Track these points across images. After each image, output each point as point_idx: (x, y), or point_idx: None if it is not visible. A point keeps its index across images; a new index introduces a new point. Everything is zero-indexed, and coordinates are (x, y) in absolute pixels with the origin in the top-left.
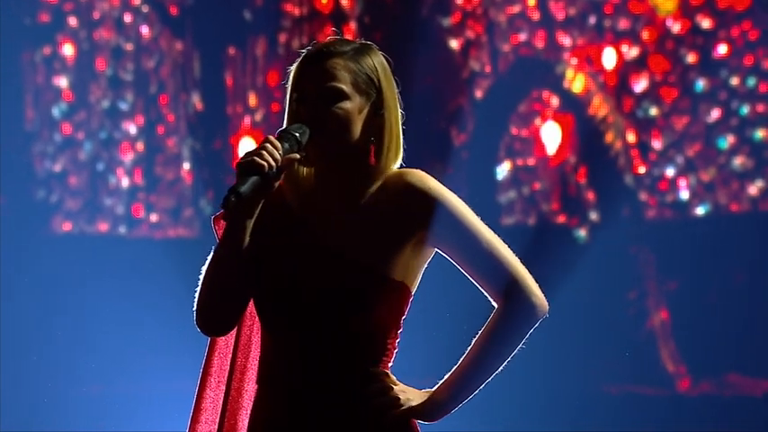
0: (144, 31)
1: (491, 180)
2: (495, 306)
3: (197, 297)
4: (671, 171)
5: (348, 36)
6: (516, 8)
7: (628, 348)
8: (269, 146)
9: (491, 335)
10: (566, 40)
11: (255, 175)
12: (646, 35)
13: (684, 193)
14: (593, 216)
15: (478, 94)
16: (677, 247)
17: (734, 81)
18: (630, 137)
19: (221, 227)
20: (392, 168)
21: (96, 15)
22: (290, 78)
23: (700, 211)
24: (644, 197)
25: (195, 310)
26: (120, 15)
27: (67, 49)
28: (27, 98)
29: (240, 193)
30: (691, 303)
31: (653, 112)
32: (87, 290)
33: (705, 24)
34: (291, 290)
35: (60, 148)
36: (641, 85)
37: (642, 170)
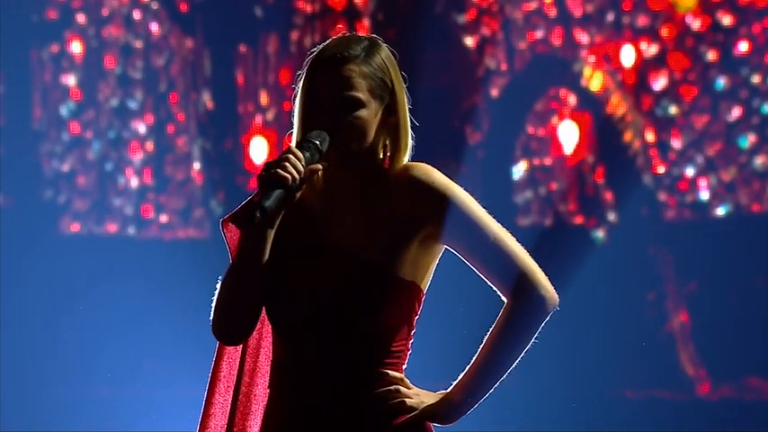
0: (153, 28)
1: (507, 180)
2: (505, 301)
3: (215, 308)
4: (691, 171)
5: (361, 33)
6: (533, 5)
7: (646, 351)
8: (292, 157)
9: (502, 331)
10: (583, 38)
11: (279, 188)
12: (665, 32)
13: (704, 194)
14: (611, 217)
15: (494, 92)
16: (697, 249)
17: (755, 79)
18: (649, 136)
19: (230, 230)
20: (401, 164)
21: (105, 12)
22: (300, 80)
23: (720, 211)
24: (663, 197)
25: (213, 321)
26: (130, 12)
27: (75, 47)
28: (34, 97)
29: (266, 208)
30: (711, 305)
31: (672, 110)
32: (96, 292)
33: (726, 21)
34: (302, 291)
35: (68, 148)
36: (660, 83)
37: (661, 170)
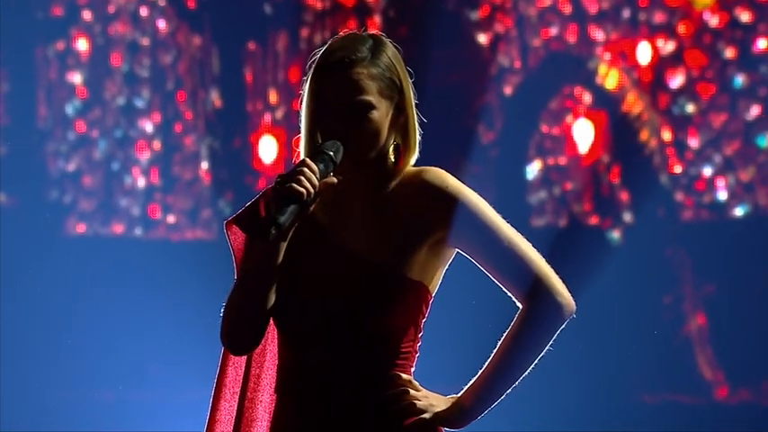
0: (161, 25)
1: (521, 180)
2: (520, 307)
3: (224, 318)
4: (708, 170)
5: (372, 30)
6: (547, 1)
7: (663, 355)
8: (306, 171)
9: (516, 337)
10: (599, 35)
11: (294, 203)
12: (682, 29)
13: (722, 194)
14: (626, 217)
15: (508, 90)
16: (715, 250)
17: None
18: (666, 135)
19: (234, 232)
20: (410, 163)
21: (111, 9)
22: (306, 85)
23: (738, 212)
24: (680, 197)
25: (222, 332)
26: (136, 9)
27: (82, 44)
28: (40, 95)
29: (281, 224)
30: (729, 308)
31: (689, 109)
32: (102, 294)
33: (744, 18)
34: (309, 294)
35: (74, 147)
36: (677, 80)
37: (678, 169)
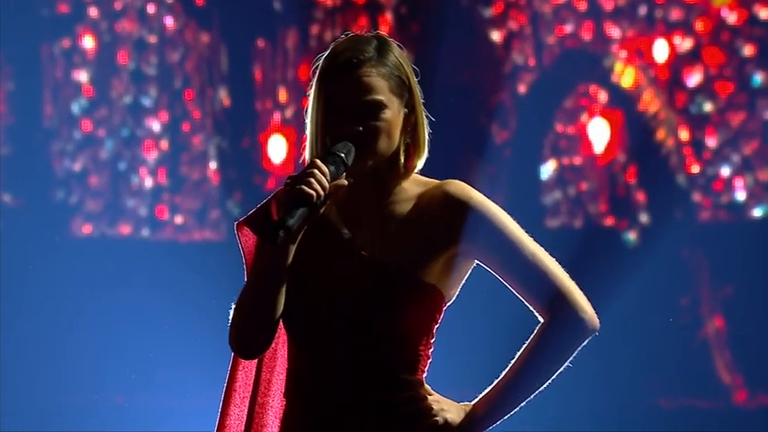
0: (168, 22)
1: (535, 180)
2: (541, 320)
3: (232, 322)
4: (726, 170)
5: (383, 27)
6: None
7: (680, 358)
8: (317, 173)
9: (536, 351)
10: (614, 32)
11: (304, 206)
12: (700, 26)
13: (741, 194)
14: (643, 218)
15: (522, 88)
16: (733, 251)
17: None
18: (683, 134)
19: (245, 234)
20: (419, 163)
21: (118, 6)
22: (313, 88)
23: (757, 212)
24: (697, 198)
25: (231, 335)
26: (143, 6)
27: (88, 42)
28: (45, 93)
29: (290, 227)
30: (747, 310)
31: (707, 107)
32: (108, 295)
33: (763, 14)
34: (320, 298)
35: (80, 147)
36: (695, 79)
37: (696, 169)
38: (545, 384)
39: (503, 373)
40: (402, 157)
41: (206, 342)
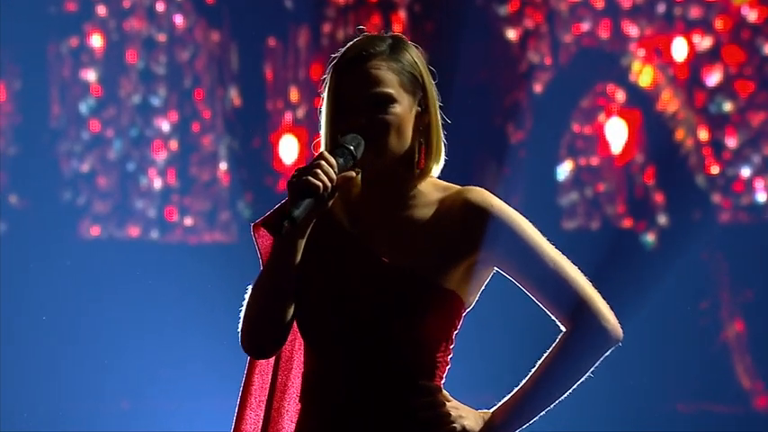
0: (178, 20)
1: (551, 181)
2: (563, 330)
3: (243, 320)
4: (746, 171)
5: (396, 26)
6: None
7: (699, 362)
8: (324, 164)
9: (557, 361)
10: (632, 30)
11: (310, 197)
12: (719, 24)
13: (761, 195)
14: (661, 220)
15: (538, 88)
16: (753, 254)
17: None
18: (702, 134)
19: (261, 235)
20: (435, 167)
21: (127, 4)
22: (325, 85)
23: None
24: (717, 199)
25: (241, 334)
26: (153, 4)
27: (96, 41)
28: (53, 93)
29: (294, 218)
30: None
31: (727, 107)
32: (117, 299)
33: None
34: (336, 301)
35: (88, 147)
36: (714, 78)
37: (715, 170)
38: (565, 394)
39: (522, 381)
40: (417, 158)
41: (217, 346)
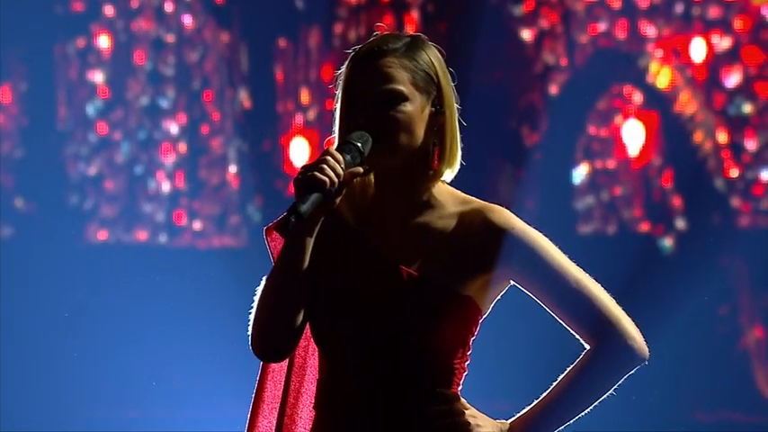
0: (186, 21)
1: (567, 184)
2: (587, 346)
3: (252, 322)
4: (766, 174)
5: (409, 26)
6: None
7: (719, 370)
8: (330, 159)
9: (580, 377)
10: (650, 31)
11: (316, 193)
12: (739, 24)
13: None
14: (679, 224)
15: (553, 89)
16: None
17: None
18: (721, 136)
19: (274, 239)
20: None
21: (135, 4)
22: (339, 83)
23: None
24: (736, 203)
25: (251, 336)
26: (161, 4)
27: (103, 42)
28: (59, 95)
29: (301, 213)
30: None
31: (746, 109)
32: (124, 303)
33: None
34: (351, 307)
35: (95, 150)
36: (734, 79)
37: (734, 173)
38: (586, 410)
39: (543, 394)
40: (431, 160)
41: (227, 352)
